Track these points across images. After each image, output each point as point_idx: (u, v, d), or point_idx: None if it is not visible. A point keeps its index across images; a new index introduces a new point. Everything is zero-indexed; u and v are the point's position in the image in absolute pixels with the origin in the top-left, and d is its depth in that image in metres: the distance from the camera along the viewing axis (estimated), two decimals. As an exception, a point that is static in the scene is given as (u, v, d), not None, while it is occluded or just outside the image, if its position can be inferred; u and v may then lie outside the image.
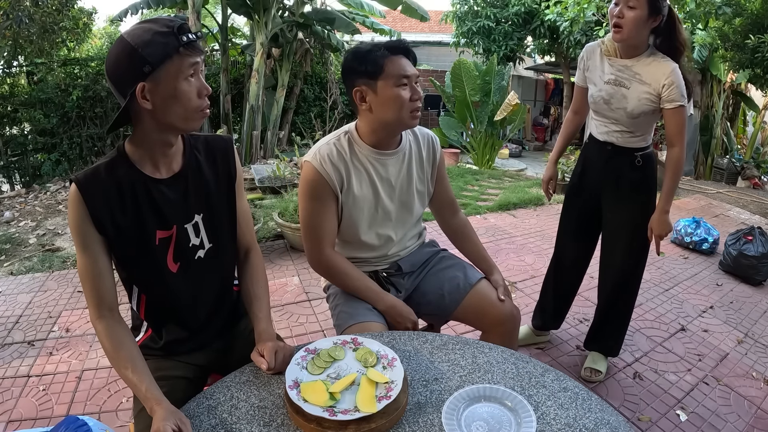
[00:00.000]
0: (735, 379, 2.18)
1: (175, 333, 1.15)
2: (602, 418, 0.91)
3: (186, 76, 0.95)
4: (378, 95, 1.28)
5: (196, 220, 1.10)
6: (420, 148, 1.48)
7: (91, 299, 1.00)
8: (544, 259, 3.50)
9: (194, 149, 1.12)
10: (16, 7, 5.51)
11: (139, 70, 0.91)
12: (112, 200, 0.99)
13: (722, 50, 5.80)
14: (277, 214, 3.55)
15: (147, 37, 0.92)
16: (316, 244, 1.38)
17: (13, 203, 5.13)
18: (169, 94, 0.94)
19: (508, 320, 1.44)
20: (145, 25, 0.94)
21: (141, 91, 0.93)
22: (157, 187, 1.03)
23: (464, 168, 7.04)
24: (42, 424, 1.80)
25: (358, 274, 1.40)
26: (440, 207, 1.61)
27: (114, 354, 0.98)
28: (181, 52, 0.93)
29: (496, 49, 7.76)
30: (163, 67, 0.92)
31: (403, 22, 13.89)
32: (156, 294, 1.11)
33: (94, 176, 0.98)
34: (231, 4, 7.02)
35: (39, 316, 2.61)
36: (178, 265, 1.10)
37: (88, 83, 6.35)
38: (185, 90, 0.95)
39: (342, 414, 0.87)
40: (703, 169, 8.28)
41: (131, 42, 0.92)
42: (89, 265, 0.99)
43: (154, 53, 0.91)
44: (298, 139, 4.14)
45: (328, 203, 1.35)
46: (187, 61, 0.95)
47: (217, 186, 1.14)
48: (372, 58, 1.26)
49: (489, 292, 1.47)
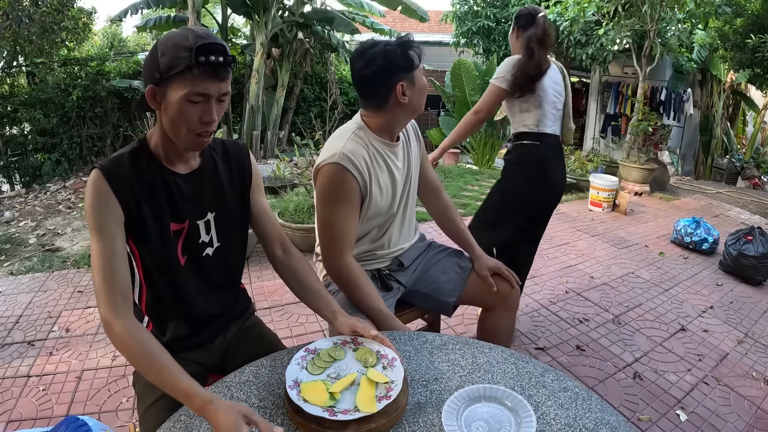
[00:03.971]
0: (735, 379, 2.18)
1: (177, 329, 1.15)
2: (602, 418, 0.91)
3: (190, 99, 0.93)
4: (416, 86, 1.35)
5: (208, 218, 1.12)
6: (408, 135, 1.53)
7: (105, 287, 0.95)
8: (544, 259, 3.50)
9: (212, 150, 1.14)
10: (16, 7, 5.51)
11: (152, 74, 0.93)
12: (134, 185, 1.00)
13: (722, 50, 5.80)
14: (277, 214, 3.56)
15: (170, 44, 0.91)
16: (337, 249, 1.36)
17: (13, 203, 5.13)
18: (171, 108, 0.94)
19: (513, 292, 1.60)
20: (184, 32, 0.93)
21: (151, 95, 0.95)
22: (175, 180, 1.05)
23: (464, 168, 7.04)
24: (42, 424, 1.79)
25: (373, 292, 1.38)
26: (427, 189, 1.67)
27: (142, 356, 0.90)
28: (194, 72, 0.90)
29: (496, 49, 7.75)
30: (172, 80, 0.92)
31: (403, 22, 13.88)
32: (161, 286, 1.11)
33: (117, 162, 1.00)
34: (231, 4, 7.02)
35: (39, 316, 2.60)
36: (185, 258, 1.11)
37: (88, 83, 6.35)
38: (185, 111, 0.94)
39: (342, 414, 0.87)
40: (703, 169, 8.29)
41: (160, 43, 0.93)
42: (107, 249, 0.97)
43: (166, 63, 0.91)
44: (298, 139, 4.12)
45: (354, 205, 1.35)
46: (199, 85, 0.91)
47: (231, 188, 1.15)
48: (409, 53, 1.32)
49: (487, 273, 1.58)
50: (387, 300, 1.46)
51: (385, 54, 1.30)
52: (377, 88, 1.34)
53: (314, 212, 3.43)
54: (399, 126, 1.42)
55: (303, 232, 3.36)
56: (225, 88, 0.96)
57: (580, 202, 5.20)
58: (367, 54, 1.32)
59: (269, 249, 1.24)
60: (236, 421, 0.78)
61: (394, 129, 1.42)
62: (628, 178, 5.74)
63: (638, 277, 3.27)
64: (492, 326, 1.65)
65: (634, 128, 5.79)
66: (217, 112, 0.97)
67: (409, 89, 1.34)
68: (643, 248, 3.86)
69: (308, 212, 3.47)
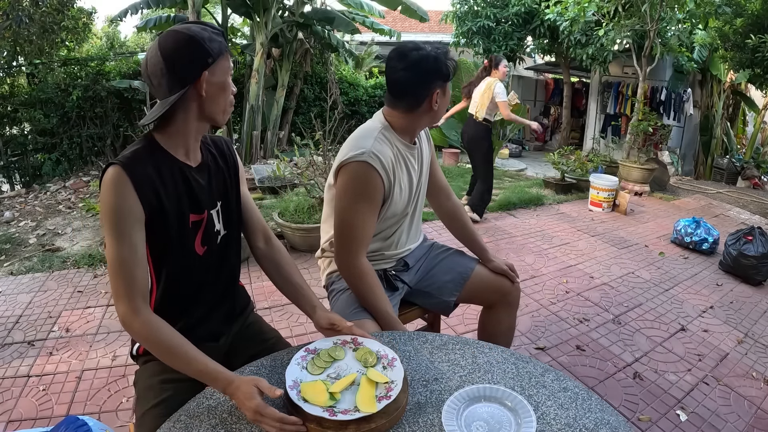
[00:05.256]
0: (735, 379, 2.18)
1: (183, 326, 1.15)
2: (602, 418, 0.91)
3: (230, 73, 1.08)
4: (445, 96, 1.40)
5: (218, 207, 1.16)
6: (420, 137, 1.54)
7: (124, 288, 0.96)
8: (544, 259, 3.51)
9: (205, 144, 1.18)
10: (16, 7, 5.50)
11: (204, 60, 1.00)
12: (155, 181, 1.02)
13: (722, 50, 5.81)
14: (277, 214, 3.55)
15: (206, 34, 1.01)
16: (353, 248, 1.36)
17: (13, 203, 5.13)
18: (220, 86, 1.05)
19: (513, 290, 1.63)
20: (194, 26, 1.03)
21: (205, 80, 1.01)
22: (191, 173, 1.09)
23: (464, 168, 7.04)
24: (42, 424, 1.79)
25: (382, 294, 1.38)
26: (437, 192, 1.69)
27: (167, 351, 0.97)
28: (224, 52, 1.05)
29: (496, 49, 7.74)
30: (220, 61, 1.03)
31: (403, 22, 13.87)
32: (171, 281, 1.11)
33: (136, 159, 1.01)
34: (231, 4, 7.01)
35: (39, 316, 2.60)
36: (205, 248, 1.14)
37: (88, 83, 6.34)
38: (229, 84, 1.07)
39: (342, 414, 0.87)
40: (703, 169, 8.28)
41: (195, 35, 1.00)
42: (127, 251, 0.97)
43: (215, 48, 1.02)
44: (298, 139, 4.12)
45: (376, 204, 1.36)
46: (229, 62, 1.07)
47: (229, 178, 1.20)
48: (447, 63, 1.36)
49: (488, 272, 1.63)
50: (391, 300, 1.47)
51: (434, 59, 1.32)
52: (415, 90, 1.34)
53: (314, 212, 3.45)
54: (419, 129, 1.46)
55: (303, 232, 3.36)
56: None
57: (580, 202, 5.20)
58: (411, 56, 1.32)
59: (252, 240, 1.28)
60: (251, 392, 0.90)
61: (415, 132, 1.45)
62: (628, 178, 5.74)
63: (638, 277, 3.27)
64: (493, 324, 1.66)
65: (634, 128, 5.78)
66: None
67: (441, 98, 1.37)
68: (643, 248, 3.86)
69: (308, 212, 3.47)
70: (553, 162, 5.59)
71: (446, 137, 8.06)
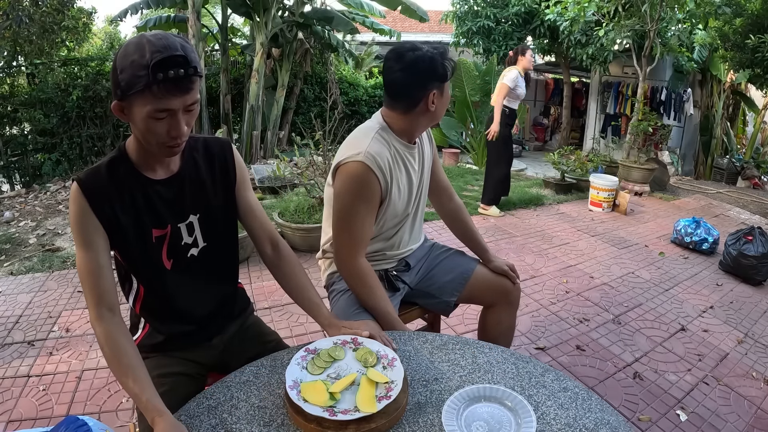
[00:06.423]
0: (735, 379, 2.18)
1: (172, 329, 1.16)
2: (602, 418, 0.91)
3: (154, 116, 0.90)
4: (443, 96, 1.38)
5: (190, 220, 1.12)
6: (422, 137, 1.54)
7: (91, 298, 0.99)
8: (544, 259, 3.51)
9: (193, 150, 1.13)
10: (16, 7, 5.50)
11: (114, 90, 0.92)
12: (113, 198, 1.01)
13: (722, 50, 5.80)
14: (277, 214, 3.55)
15: (128, 61, 0.87)
16: (352, 249, 1.36)
17: (13, 203, 5.13)
18: (138, 123, 0.93)
19: (514, 290, 1.63)
20: (141, 44, 0.88)
21: (118, 109, 0.94)
22: (153, 187, 1.05)
23: (464, 168, 7.04)
24: (42, 424, 1.79)
25: (382, 293, 1.39)
26: (439, 192, 1.69)
27: (114, 361, 0.95)
28: (154, 90, 0.87)
29: (496, 49, 7.74)
30: (133, 97, 0.89)
31: (402, 22, 13.87)
32: (155, 287, 1.12)
33: (95, 175, 1.00)
34: (231, 4, 7.01)
35: (39, 316, 2.60)
36: (172, 261, 1.11)
37: (88, 83, 6.34)
38: (152, 127, 0.92)
39: (342, 414, 0.87)
40: (703, 169, 8.28)
41: (119, 58, 0.90)
42: (90, 261, 0.99)
43: (126, 81, 0.88)
44: (298, 139, 4.12)
45: (373, 205, 1.36)
46: (161, 102, 0.88)
47: (214, 187, 1.14)
48: (444, 63, 1.35)
49: (488, 272, 1.63)
50: (392, 300, 1.47)
51: (430, 60, 1.31)
52: (411, 91, 1.34)
53: (314, 212, 3.44)
54: (419, 130, 1.44)
55: (303, 232, 3.36)
56: (191, 98, 0.93)
57: (580, 202, 5.20)
58: (407, 57, 1.32)
59: (259, 247, 1.25)
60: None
61: (414, 132, 1.44)
62: (628, 178, 5.74)
63: (638, 277, 3.27)
64: (493, 324, 1.66)
65: (634, 128, 5.78)
66: (186, 122, 0.95)
67: (438, 99, 1.36)
68: (643, 248, 3.86)
69: (308, 212, 3.47)
70: (553, 162, 5.59)
71: (446, 137, 8.06)
